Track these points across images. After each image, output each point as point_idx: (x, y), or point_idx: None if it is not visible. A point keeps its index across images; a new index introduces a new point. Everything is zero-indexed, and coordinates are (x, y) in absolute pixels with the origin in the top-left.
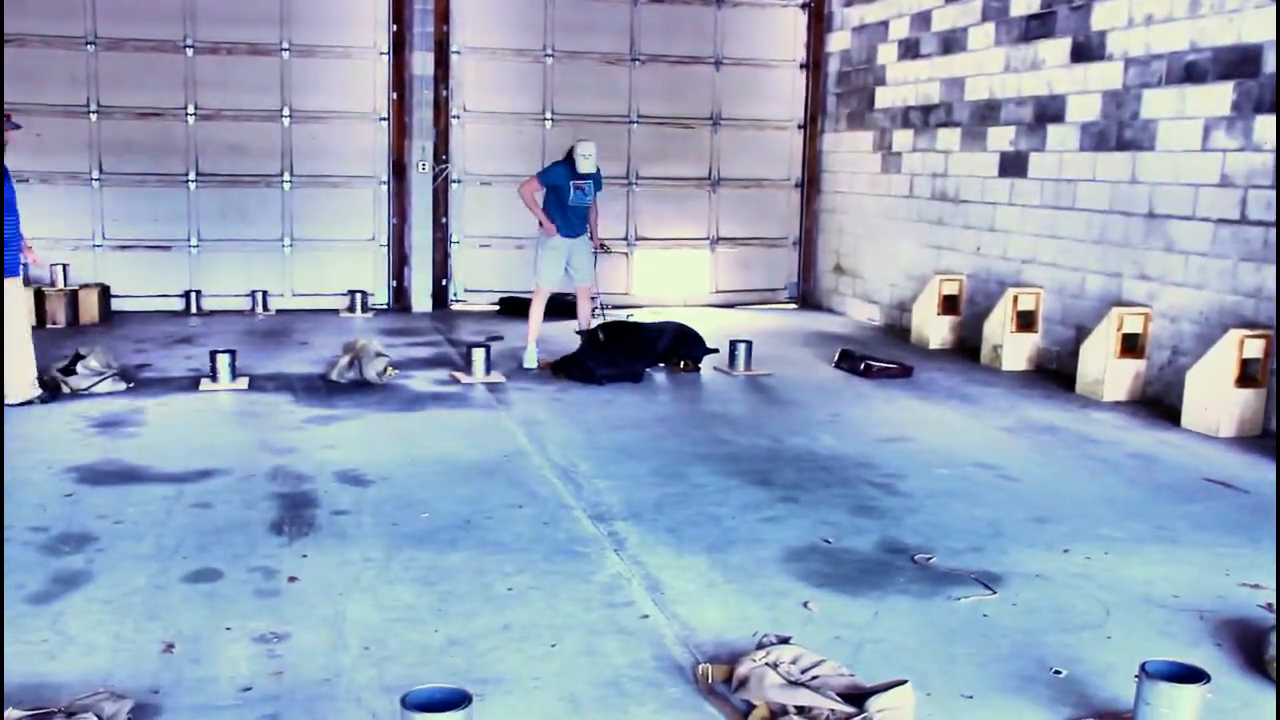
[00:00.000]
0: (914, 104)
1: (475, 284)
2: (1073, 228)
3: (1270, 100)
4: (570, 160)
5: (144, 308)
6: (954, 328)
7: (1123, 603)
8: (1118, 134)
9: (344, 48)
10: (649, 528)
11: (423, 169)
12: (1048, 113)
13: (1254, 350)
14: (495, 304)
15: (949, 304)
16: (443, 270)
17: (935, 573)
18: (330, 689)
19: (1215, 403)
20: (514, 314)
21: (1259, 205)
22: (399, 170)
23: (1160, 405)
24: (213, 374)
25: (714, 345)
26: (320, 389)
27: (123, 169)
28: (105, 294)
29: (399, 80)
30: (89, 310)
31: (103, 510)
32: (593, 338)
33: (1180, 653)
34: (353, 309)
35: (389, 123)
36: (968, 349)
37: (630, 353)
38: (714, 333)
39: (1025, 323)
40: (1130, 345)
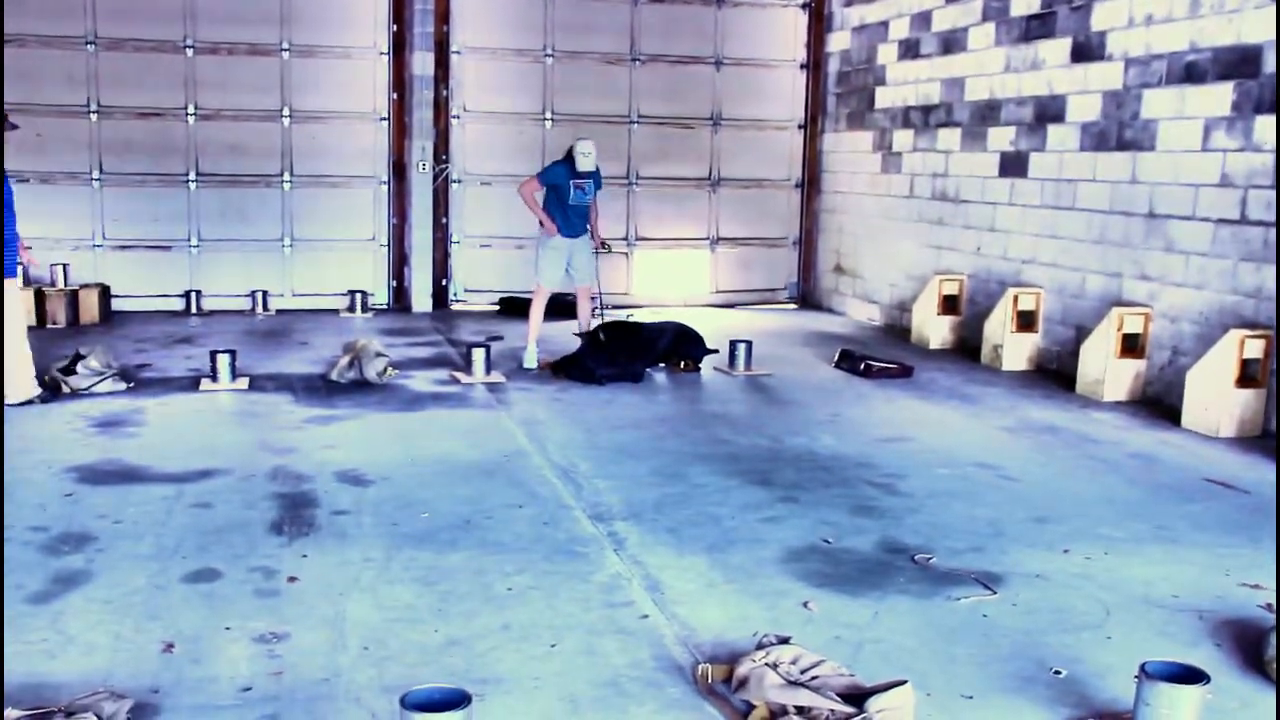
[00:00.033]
0: (914, 104)
1: (475, 284)
2: (1073, 228)
3: (1270, 100)
4: (570, 159)
5: (144, 308)
6: (954, 328)
7: (1122, 603)
8: (1118, 134)
9: (344, 48)
10: (649, 528)
11: (423, 169)
12: (1048, 113)
13: (1254, 350)
14: (495, 304)
15: (949, 304)
16: (443, 270)
17: (935, 573)
18: (330, 689)
19: (1215, 403)
20: (514, 314)
21: (1259, 205)
22: (399, 170)
23: (1160, 405)
24: (213, 374)
25: (714, 345)
26: (320, 389)
27: (123, 169)
28: (105, 294)
29: (399, 80)
30: (89, 310)
31: (103, 510)
32: (593, 338)
33: (1180, 653)
34: (353, 309)
35: (389, 123)
36: (968, 349)
37: (630, 353)
38: (714, 333)
39: (1025, 323)
40: (1130, 345)
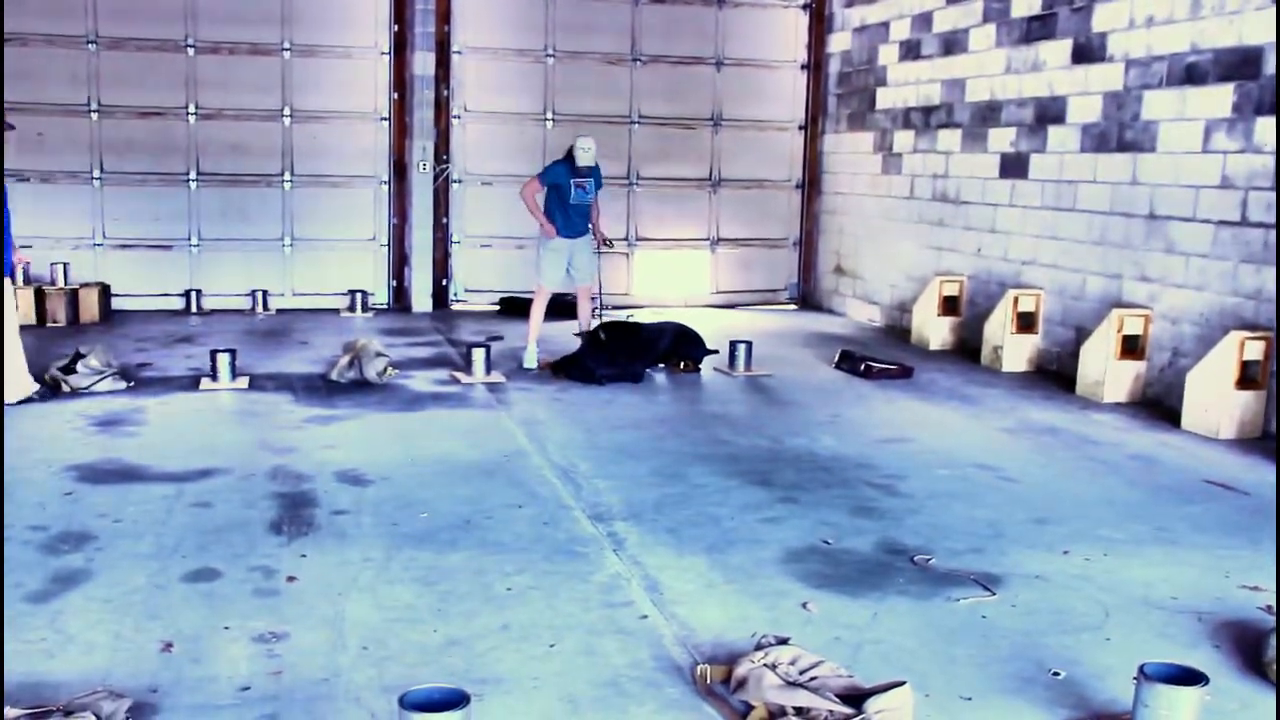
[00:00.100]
0: (915, 105)
1: (475, 284)
2: (1073, 229)
3: (1270, 102)
4: (570, 158)
5: (144, 307)
6: (954, 329)
7: (1122, 604)
8: (1118, 135)
9: (345, 48)
10: (648, 528)
11: (423, 169)
12: (1048, 114)
13: (1254, 352)
14: (495, 304)
15: (949, 305)
16: (443, 270)
17: (935, 574)
18: (329, 689)
19: (1215, 404)
20: (514, 314)
21: (1259, 207)
22: (400, 170)
23: (1160, 407)
24: (213, 373)
25: (714, 346)
26: (320, 389)
27: (124, 168)
28: (106, 293)
29: (400, 80)
30: (89, 309)
31: (102, 509)
32: (593, 338)
33: (1179, 655)
34: (353, 309)
35: (390, 123)
36: (968, 350)
37: (630, 353)
38: (714, 333)
39: (1026, 324)
40: (1130, 347)
